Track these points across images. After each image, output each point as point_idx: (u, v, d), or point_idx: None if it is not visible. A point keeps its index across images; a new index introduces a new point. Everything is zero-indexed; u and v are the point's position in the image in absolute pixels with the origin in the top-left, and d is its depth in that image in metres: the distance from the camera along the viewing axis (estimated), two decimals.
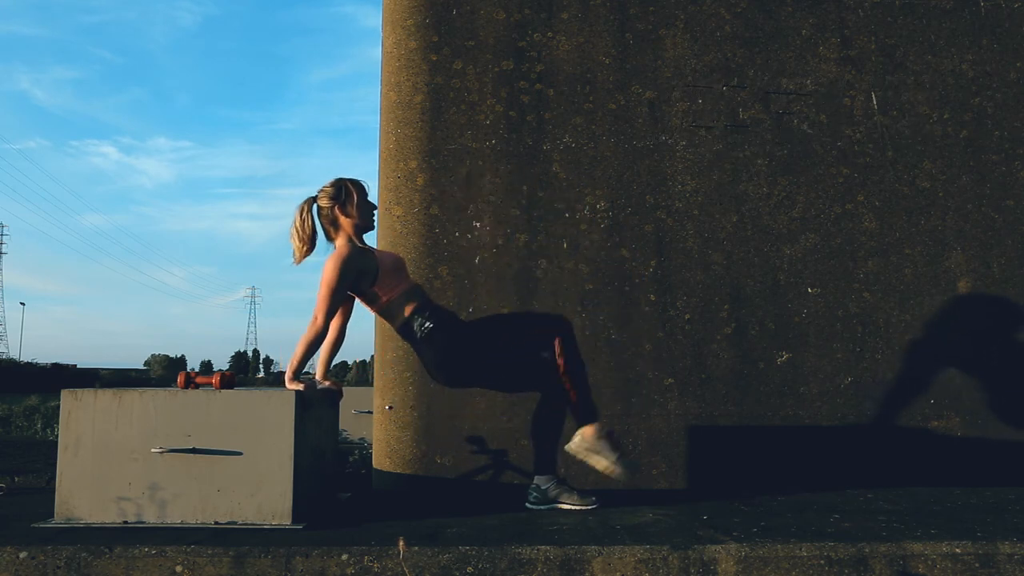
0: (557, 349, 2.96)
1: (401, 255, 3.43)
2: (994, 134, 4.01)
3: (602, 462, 2.96)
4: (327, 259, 2.94)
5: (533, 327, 3.08)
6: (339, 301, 2.94)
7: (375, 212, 3.14)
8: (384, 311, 3.05)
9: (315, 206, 3.07)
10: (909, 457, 3.78)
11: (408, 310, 3.00)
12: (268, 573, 2.26)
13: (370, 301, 3.05)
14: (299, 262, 3.03)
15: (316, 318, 2.89)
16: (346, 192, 3.05)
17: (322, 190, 3.07)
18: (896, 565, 2.34)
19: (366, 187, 3.12)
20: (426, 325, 2.98)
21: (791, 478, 3.72)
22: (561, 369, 2.96)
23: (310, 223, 3.03)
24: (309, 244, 3.02)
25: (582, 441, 2.98)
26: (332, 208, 3.04)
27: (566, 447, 3.03)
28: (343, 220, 3.05)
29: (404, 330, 3.03)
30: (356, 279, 2.97)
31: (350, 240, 3.04)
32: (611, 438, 2.98)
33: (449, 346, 2.98)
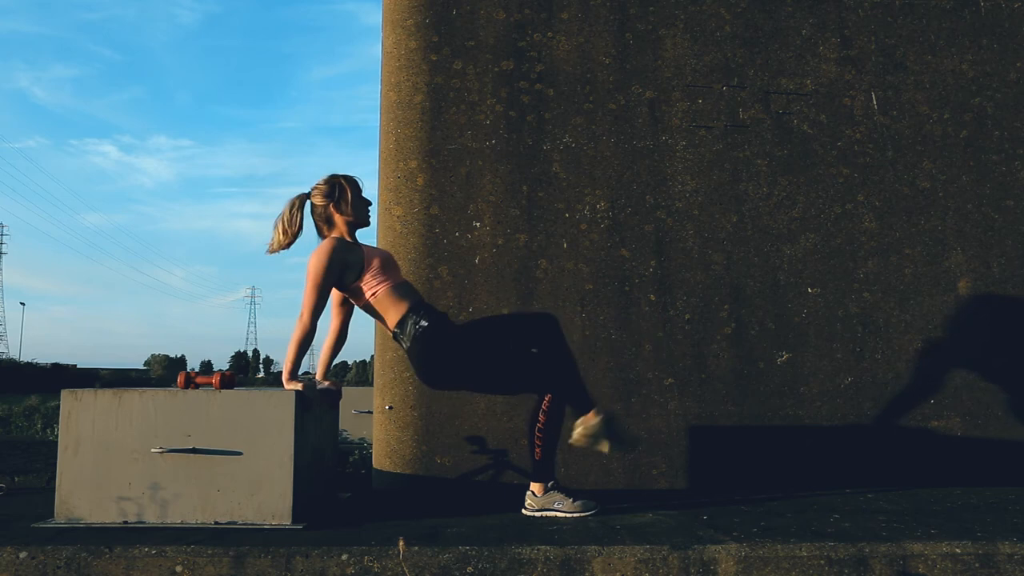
0: (544, 404, 2.90)
1: (393, 253, 3.41)
2: (994, 134, 4.01)
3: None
4: (311, 254, 2.90)
5: (530, 370, 2.99)
6: (326, 296, 2.88)
7: (370, 208, 3.10)
8: (373, 308, 2.98)
9: (308, 203, 3.03)
10: (909, 457, 3.78)
11: (402, 309, 2.94)
12: (268, 573, 2.26)
13: (355, 296, 3.00)
14: (273, 252, 2.98)
15: (303, 315, 2.84)
16: (340, 189, 3.01)
17: (316, 187, 3.03)
18: (896, 565, 2.34)
19: (360, 183, 3.08)
20: (420, 324, 2.93)
21: (791, 478, 3.72)
22: (540, 423, 2.90)
23: (299, 220, 2.98)
24: (291, 239, 2.97)
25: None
26: (327, 206, 3.00)
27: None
28: (338, 217, 3.01)
29: (397, 329, 2.98)
30: (341, 273, 2.92)
31: (339, 236, 3.02)
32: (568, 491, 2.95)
33: (441, 348, 2.93)
